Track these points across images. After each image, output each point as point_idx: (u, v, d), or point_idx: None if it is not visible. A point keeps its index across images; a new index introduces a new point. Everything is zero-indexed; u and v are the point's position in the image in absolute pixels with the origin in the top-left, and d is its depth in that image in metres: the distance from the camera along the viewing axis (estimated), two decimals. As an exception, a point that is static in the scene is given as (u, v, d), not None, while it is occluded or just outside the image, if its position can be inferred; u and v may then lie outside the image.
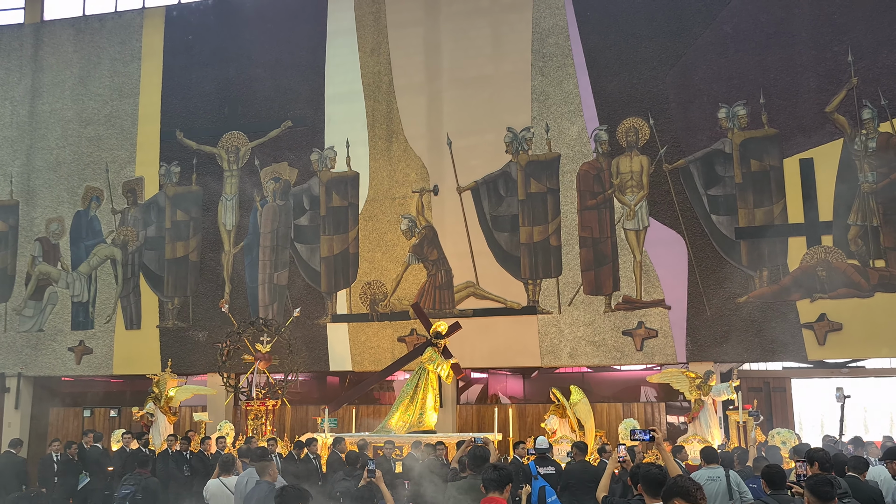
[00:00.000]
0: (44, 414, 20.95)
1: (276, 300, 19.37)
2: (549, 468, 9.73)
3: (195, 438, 14.42)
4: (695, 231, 17.07)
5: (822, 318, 16.09)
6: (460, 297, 18.26)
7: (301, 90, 19.98)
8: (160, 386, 16.71)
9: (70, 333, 20.54)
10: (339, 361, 18.78)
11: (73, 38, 21.97)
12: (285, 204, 19.72)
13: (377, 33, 19.77)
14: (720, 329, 16.60)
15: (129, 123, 21.11)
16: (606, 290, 17.41)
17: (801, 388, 18.19)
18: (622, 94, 17.79)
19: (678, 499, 4.43)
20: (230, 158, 20.26)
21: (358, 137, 19.44)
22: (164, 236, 20.41)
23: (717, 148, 17.19)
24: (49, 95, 21.87)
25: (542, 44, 18.52)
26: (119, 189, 20.90)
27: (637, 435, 6.26)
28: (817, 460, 7.06)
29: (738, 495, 7.63)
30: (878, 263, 16.03)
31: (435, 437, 13.56)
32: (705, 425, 14.31)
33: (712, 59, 17.34)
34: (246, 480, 8.24)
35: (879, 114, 16.32)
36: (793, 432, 13.85)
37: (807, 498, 5.37)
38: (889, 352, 16.35)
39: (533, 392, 19.51)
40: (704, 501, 4.43)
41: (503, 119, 18.47)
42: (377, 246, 18.95)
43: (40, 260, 21.14)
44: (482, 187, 18.48)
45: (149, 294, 20.25)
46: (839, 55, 16.65)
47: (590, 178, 17.87)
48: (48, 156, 21.55)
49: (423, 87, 19.26)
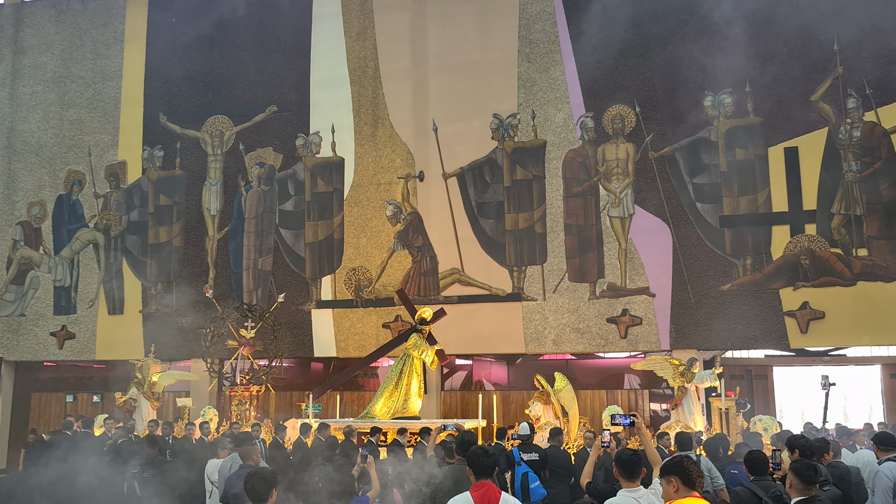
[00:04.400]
0: (25, 399, 20.81)
1: (261, 286, 19.28)
2: (533, 454, 9.74)
3: (179, 424, 14.35)
4: (680, 219, 17.11)
5: (804, 307, 16.20)
6: (445, 284, 18.25)
7: (286, 75, 19.83)
8: (143, 371, 16.62)
9: (52, 318, 20.38)
10: (324, 347, 18.75)
11: (54, 20, 21.68)
12: (270, 189, 19.60)
13: (363, 18, 19.63)
14: (704, 317, 16.69)
15: (112, 107, 20.89)
16: (591, 277, 17.45)
17: (783, 376, 18.33)
18: (609, 81, 17.77)
19: (676, 477, 4.38)
20: (214, 143, 20.10)
21: (343, 123, 19.33)
22: (148, 221, 20.25)
23: (703, 136, 17.22)
24: (30, 78, 21.60)
25: (528, 30, 18.45)
26: (101, 173, 20.70)
27: (618, 420, 6.29)
28: (798, 447, 7.11)
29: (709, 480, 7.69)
30: (860, 252, 16.15)
31: (419, 423, 13.57)
32: (688, 412, 14.39)
33: (699, 47, 17.32)
34: (230, 464, 8.23)
35: (864, 103, 16.39)
36: (774, 419, 13.96)
37: (791, 481, 5.41)
38: (870, 340, 16.49)
39: (517, 379, 19.55)
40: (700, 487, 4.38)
41: (489, 105, 18.41)
42: (362, 232, 18.89)
43: (22, 244, 20.93)
44: (468, 174, 18.44)
45: (132, 279, 20.10)
46: (825, 44, 16.69)
47: (575, 165, 17.87)
48: (29, 139, 21.30)
49: (409, 72, 19.16)
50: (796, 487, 5.36)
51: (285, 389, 18.79)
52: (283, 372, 18.46)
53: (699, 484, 4.39)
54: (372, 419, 14.37)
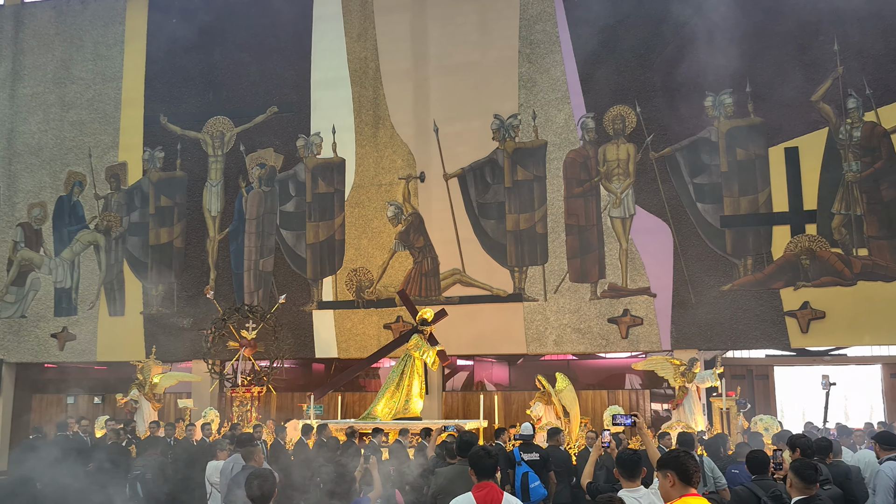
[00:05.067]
0: (26, 401, 20.81)
1: (262, 287, 19.29)
2: (534, 454, 9.75)
3: (180, 425, 14.35)
4: (680, 219, 17.12)
5: (805, 307, 16.20)
6: (446, 285, 18.25)
7: (287, 75, 19.84)
8: (144, 373, 16.63)
9: (53, 320, 20.38)
10: (325, 348, 18.75)
11: (54, 21, 21.69)
12: (271, 190, 19.61)
13: (364, 19, 19.64)
14: (704, 317, 16.69)
15: (113, 108, 20.90)
16: (592, 277, 17.46)
17: (784, 376, 18.34)
18: (609, 81, 17.77)
19: (672, 471, 4.33)
20: (215, 144, 20.11)
21: (344, 123, 19.34)
22: (148, 222, 20.25)
23: (703, 136, 17.23)
24: (30, 79, 21.60)
25: (529, 30, 18.46)
26: (102, 174, 20.70)
27: (618, 420, 6.29)
28: (799, 447, 7.13)
29: (712, 480, 7.70)
30: (861, 252, 16.16)
31: (421, 423, 13.57)
32: (689, 412, 14.40)
33: (699, 47, 17.33)
34: (231, 466, 8.23)
35: (864, 103, 16.40)
36: (775, 419, 13.96)
37: (791, 481, 5.42)
38: (871, 340, 16.50)
39: (518, 379, 19.56)
40: (697, 485, 4.34)
41: (490, 106, 18.42)
42: (363, 233, 18.89)
43: (22, 245, 20.93)
44: (469, 174, 18.45)
45: (132, 280, 20.11)
46: (825, 44, 16.70)
47: (576, 165, 17.88)
48: (30, 140, 21.31)
49: (409, 73, 19.16)
50: (796, 486, 5.38)
51: (286, 390, 18.80)
52: (285, 373, 18.47)
53: (696, 479, 4.32)
54: (373, 420, 14.38)
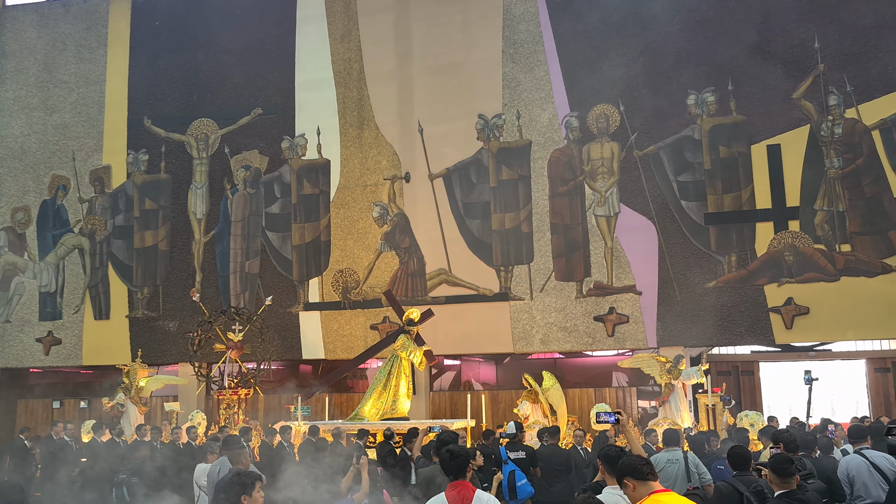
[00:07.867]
0: (12, 406, 20.68)
1: (248, 289, 19.25)
2: (520, 453, 9.80)
3: (166, 428, 14.31)
4: (665, 217, 17.21)
5: (789, 303, 16.32)
6: (432, 285, 18.27)
7: (271, 77, 19.79)
8: (130, 376, 16.57)
9: (38, 324, 20.26)
10: (312, 349, 18.74)
11: (36, 24, 21.55)
12: (256, 192, 19.57)
13: (347, 20, 19.63)
14: (690, 314, 16.79)
15: (96, 111, 20.79)
16: (578, 276, 17.52)
17: (769, 372, 18.44)
18: (593, 80, 17.83)
19: (629, 478, 4.44)
20: (199, 146, 20.05)
21: (329, 125, 19.32)
22: (133, 225, 20.16)
23: (687, 134, 17.32)
24: (12, 82, 21.46)
25: (512, 30, 18.51)
26: (86, 177, 20.59)
27: (602, 417, 6.33)
28: (782, 441, 7.20)
29: (696, 476, 7.76)
30: (843, 248, 16.30)
31: (408, 424, 13.59)
32: (675, 409, 14.50)
33: (681, 46, 17.44)
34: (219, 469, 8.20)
35: (845, 100, 16.54)
36: (761, 415, 14.07)
37: (768, 475, 5.49)
38: (855, 335, 16.65)
39: (505, 378, 19.60)
40: (654, 476, 4.42)
41: (474, 106, 18.45)
42: (349, 234, 18.88)
43: (6, 250, 20.79)
44: (454, 174, 18.47)
45: (118, 284, 20.02)
46: (806, 42, 16.82)
47: (561, 164, 17.94)
48: (13, 144, 21.17)
49: (393, 74, 19.17)
50: (774, 481, 5.46)
51: (274, 392, 18.75)
52: (272, 375, 18.43)
53: (649, 470, 4.41)
54: (361, 421, 14.39)
